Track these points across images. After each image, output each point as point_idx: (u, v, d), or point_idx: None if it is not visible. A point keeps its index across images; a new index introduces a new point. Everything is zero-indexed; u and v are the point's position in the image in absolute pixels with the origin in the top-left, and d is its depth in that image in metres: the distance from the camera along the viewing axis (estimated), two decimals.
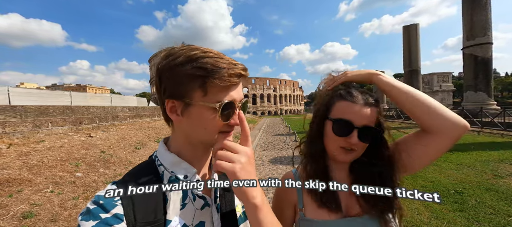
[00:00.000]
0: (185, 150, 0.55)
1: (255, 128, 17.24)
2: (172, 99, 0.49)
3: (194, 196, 0.54)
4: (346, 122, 0.62)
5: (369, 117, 0.62)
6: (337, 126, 0.63)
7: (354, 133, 0.61)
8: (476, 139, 8.44)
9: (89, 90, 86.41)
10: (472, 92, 13.10)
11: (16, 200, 2.75)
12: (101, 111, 6.63)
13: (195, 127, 0.50)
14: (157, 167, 0.54)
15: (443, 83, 32.08)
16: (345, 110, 0.63)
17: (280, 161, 6.95)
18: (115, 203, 0.46)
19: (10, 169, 3.28)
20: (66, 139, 4.90)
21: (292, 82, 69.38)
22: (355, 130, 0.61)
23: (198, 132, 0.51)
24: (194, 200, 0.54)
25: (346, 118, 0.62)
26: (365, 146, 0.64)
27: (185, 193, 0.53)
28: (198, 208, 0.54)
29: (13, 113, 4.38)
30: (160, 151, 0.56)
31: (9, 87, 10.79)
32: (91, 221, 0.43)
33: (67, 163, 3.88)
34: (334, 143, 0.64)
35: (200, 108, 0.48)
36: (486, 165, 5.08)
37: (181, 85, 0.47)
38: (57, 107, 5.29)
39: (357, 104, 0.63)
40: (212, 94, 0.47)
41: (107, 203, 0.45)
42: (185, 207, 0.52)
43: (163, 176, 0.53)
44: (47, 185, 3.19)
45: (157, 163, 0.55)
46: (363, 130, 0.61)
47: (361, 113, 0.62)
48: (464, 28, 13.45)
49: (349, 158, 0.64)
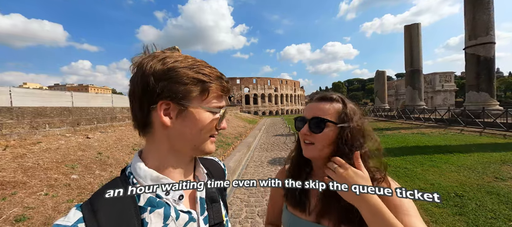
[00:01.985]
0: (168, 161, 0.51)
1: (255, 128, 17.20)
2: (169, 100, 0.47)
3: (177, 213, 0.49)
4: (301, 118, 0.71)
5: (321, 110, 0.68)
6: (297, 123, 0.72)
7: (305, 125, 0.68)
8: (478, 140, 8.33)
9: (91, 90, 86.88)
10: (474, 92, 12.96)
11: (9, 203, 2.73)
12: (99, 112, 6.62)
13: (189, 130, 0.50)
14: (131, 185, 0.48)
15: (445, 82, 31.84)
16: (305, 109, 0.72)
17: (279, 162, 6.91)
18: None
19: (5, 171, 3.27)
20: (63, 141, 4.89)
21: (293, 82, 69.25)
22: (306, 121, 0.69)
23: (191, 135, 0.50)
24: (177, 219, 0.49)
25: (303, 114, 0.72)
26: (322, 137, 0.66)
27: (167, 212, 0.48)
28: (181, 226, 0.49)
29: (9, 115, 4.37)
30: (135, 168, 0.50)
31: (11, 88, 10.85)
32: None
33: (63, 165, 3.86)
34: (301, 140, 0.72)
35: (197, 111, 0.49)
36: (488, 167, 5.00)
37: (182, 87, 0.48)
38: (54, 108, 5.28)
39: (312, 102, 0.72)
40: (210, 99, 0.51)
41: None
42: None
43: (139, 197, 0.47)
44: (41, 187, 3.17)
45: (132, 180, 0.49)
46: (311, 121, 0.67)
47: (312, 107, 0.70)
48: (466, 27, 13.31)
49: (309, 151, 0.68)
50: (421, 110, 16.91)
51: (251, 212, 3.67)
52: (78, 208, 0.43)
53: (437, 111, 14.95)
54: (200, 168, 0.60)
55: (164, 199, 0.49)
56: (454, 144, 7.63)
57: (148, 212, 0.46)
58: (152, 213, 0.46)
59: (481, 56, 12.60)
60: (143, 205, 0.47)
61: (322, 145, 0.66)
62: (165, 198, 0.49)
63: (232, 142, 10.02)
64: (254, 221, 3.39)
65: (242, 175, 5.78)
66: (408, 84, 19.65)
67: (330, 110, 0.67)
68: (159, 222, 0.47)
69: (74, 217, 0.42)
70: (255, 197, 4.30)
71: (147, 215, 0.46)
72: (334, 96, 0.70)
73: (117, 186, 0.47)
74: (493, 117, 10.49)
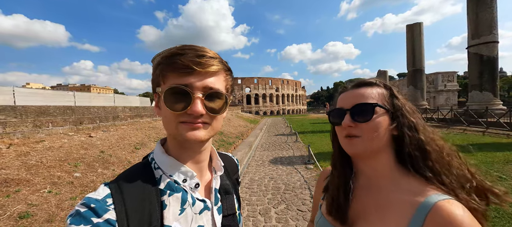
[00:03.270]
0: (177, 150, 0.53)
1: (256, 128, 17.20)
2: (154, 93, 0.51)
3: (193, 200, 0.52)
4: (339, 109, 0.59)
5: (361, 96, 0.56)
6: (333, 116, 0.61)
7: (346, 115, 0.56)
8: (481, 139, 8.27)
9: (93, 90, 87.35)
10: (478, 92, 12.86)
11: (13, 200, 2.76)
12: (101, 111, 6.66)
13: (163, 119, 0.50)
14: (153, 170, 0.51)
15: (448, 82, 31.63)
16: (340, 99, 0.62)
17: (281, 162, 6.90)
18: (107, 207, 0.42)
19: (9, 169, 3.30)
20: (66, 139, 4.92)
21: (294, 82, 69.15)
22: (347, 112, 0.57)
23: (165, 123, 0.50)
24: (193, 205, 0.51)
25: (339, 106, 0.60)
26: (370, 127, 0.53)
27: (184, 197, 0.50)
28: (196, 212, 0.52)
29: (13, 113, 4.41)
30: (156, 153, 0.53)
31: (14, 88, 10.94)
32: (82, 225, 0.39)
33: (66, 163, 3.89)
34: (340, 136, 0.60)
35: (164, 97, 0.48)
36: (491, 166, 4.97)
37: (154, 77, 0.51)
38: (57, 107, 5.32)
39: (347, 90, 0.61)
40: (170, 81, 0.48)
41: (99, 207, 0.42)
42: (183, 212, 0.50)
43: (160, 180, 0.50)
44: (45, 185, 3.19)
45: (154, 166, 0.52)
46: (354, 109, 0.56)
47: (350, 96, 0.58)
48: (469, 26, 13.21)
49: (355, 146, 0.55)
50: (423, 110, 16.81)
51: (252, 211, 3.67)
52: (107, 185, 0.46)
53: (440, 111, 14.86)
54: (218, 160, 0.62)
55: (182, 185, 0.51)
56: (457, 144, 7.53)
57: (167, 195, 0.49)
58: (171, 196, 0.49)
59: (484, 56, 12.49)
60: (163, 188, 0.49)
61: (372, 136, 0.54)
62: (182, 184, 0.52)
63: (234, 141, 10.03)
64: (256, 220, 3.39)
65: (244, 175, 5.79)
66: (410, 84, 19.55)
67: (375, 94, 0.56)
68: (177, 206, 0.49)
69: (103, 192, 0.45)
70: (257, 196, 4.31)
71: (167, 198, 0.48)
72: (375, 81, 0.59)
73: (141, 170, 0.51)
74: (496, 116, 10.40)
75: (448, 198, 0.47)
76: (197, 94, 0.47)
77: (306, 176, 5.29)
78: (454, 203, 0.46)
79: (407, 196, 0.50)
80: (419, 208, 0.47)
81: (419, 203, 0.48)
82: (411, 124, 0.55)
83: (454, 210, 0.44)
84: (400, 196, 0.52)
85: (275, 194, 4.32)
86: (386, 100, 0.56)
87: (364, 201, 0.58)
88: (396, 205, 0.51)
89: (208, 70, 0.48)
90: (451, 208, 0.45)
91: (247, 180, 5.26)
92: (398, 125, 0.55)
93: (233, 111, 26.32)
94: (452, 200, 0.47)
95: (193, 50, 0.47)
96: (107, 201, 0.43)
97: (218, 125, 0.53)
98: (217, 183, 0.59)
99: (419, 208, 0.47)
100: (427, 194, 0.49)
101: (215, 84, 0.49)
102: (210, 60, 0.48)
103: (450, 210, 0.44)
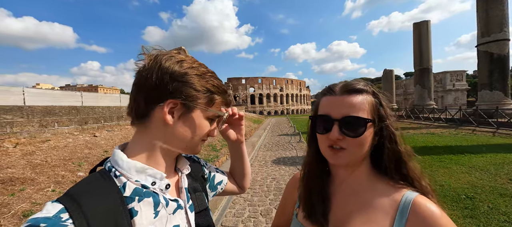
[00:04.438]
0: (156, 155, 0.52)
1: (260, 128, 17.18)
2: (178, 100, 0.50)
3: (166, 201, 0.51)
4: (325, 117, 0.55)
5: (352, 106, 0.53)
6: (318, 123, 0.57)
7: (334, 126, 0.53)
8: (491, 140, 8.02)
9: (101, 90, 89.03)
10: (487, 91, 12.50)
11: (17, 198, 2.81)
12: (106, 111, 6.76)
13: (187, 132, 0.53)
14: (114, 178, 0.47)
15: (456, 81, 30.89)
16: (326, 104, 0.57)
17: (283, 162, 6.85)
18: (63, 223, 0.37)
19: (14, 168, 3.37)
20: (71, 139, 5.00)
21: (298, 82, 68.81)
22: (335, 123, 0.53)
23: (187, 137, 0.53)
24: (167, 205, 0.51)
25: (325, 112, 0.55)
26: (358, 142, 0.53)
27: (156, 200, 0.49)
28: (170, 213, 0.51)
29: (20, 113, 4.51)
30: (118, 159, 0.49)
31: (24, 88, 11.25)
32: None
33: (70, 162, 3.95)
34: (322, 144, 0.57)
35: (198, 117, 0.53)
36: (501, 168, 4.80)
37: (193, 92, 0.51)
38: (63, 107, 5.42)
39: (335, 95, 0.56)
40: (212, 108, 0.55)
41: (53, 225, 0.36)
42: (158, 215, 0.49)
43: (124, 188, 0.46)
44: (49, 184, 3.25)
45: (114, 173, 0.48)
46: (343, 121, 0.52)
47: (339, 103, 0.54)
48: (478, 24, 12.86)
49: (340, 159, 0.54)
50: (430, 110, 16.44)
51: (254, 211, 3.65)
52: (55, 202, 0.40)
53: (448, 110, 14.50)
54: (183, 160, 0.63)
55: (151, 189, 0.49)
56: (465, 144, 7.37)
57: (136, 202, 0.46)
58: (140, 202, 0.47)
59: (495, 54, 12.13)
60: (130, 195, 0.46)
61: (358, 150, 0.54)
62: (152, 188, 0.50)
63: None
64: (257, 221, 3.36)
65: None
66: (417, 83, 19.17)
67: (365, 105, 0.54)
68: (150, 210, 0.48)
69: (54, 209, 0.39)
70: (258, 196, 4.28)
71: (136, 204, 0.46)
72: (365, 87, 0.56)
73: (97, 179, 0.46)
74: (507, 116, 10.08)
75: (418, 194, 0.53)
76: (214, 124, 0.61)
77: None
78: (424, 198, 0.52)
79: (385, 197, 0.54)
80: (401, 206, 0.52)
81: (399, 201, 0.52)
82: (392, 137, 0.55)
83: (431, 204, 0.51)
84: (379, 197, 0.55)
85: (277, 195, 4.28)
86: (374, 110, 0.54)
87: (343, 205, 0.58)
88: (377, 206, 0.54)
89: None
90: (427, 202, 0.51)
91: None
92: (381, 137, 0.55)
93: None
94: (421, 196, 0.52)
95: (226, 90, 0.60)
96: (61, 217, 0.38)
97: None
98: (185, 182, 0.60)
99: (401, 206, 0.51)
100: (402, 192, 0.54)
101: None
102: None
103: (427, 205, 0.50)
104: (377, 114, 0.54)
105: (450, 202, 3.40)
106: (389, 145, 0.55)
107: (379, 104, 0.55)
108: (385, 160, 0.55)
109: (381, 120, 0.55)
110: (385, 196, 0.54)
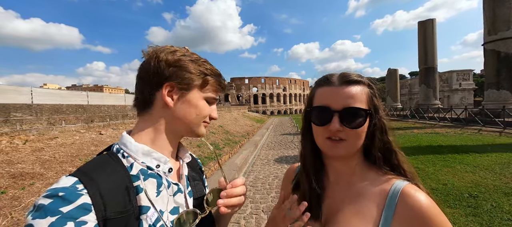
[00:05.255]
0: (160, 139, 0.57)
1: (262, 128, 17.20)
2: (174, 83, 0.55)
3: (168, 183, 0.55)
4: (324, 108, 0.54)
5: (352, 97, 0.53)
6: (316, 115, 0.56)
7: (335, 118, 0.52)
8: (497, 140, 7.89)
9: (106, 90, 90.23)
10: (494, 90, 12.27)
11: (28, 192, 2.91)
12: (111, 109, 6.89)
13: (187, 113, 0.57)
14: (121, 159, 0.52)
15: (463, 81, 30.33)
16: (323, 95, 0.56)
17: (286, 161, 6.88)
18: (79, 192, 0.41)
19: (24, 163, 3.48)
20: (78, 136, 5.13)
21: (302, 81, 68.56)
22: (335, 114, 0.52)
23: (188, 117, 0.57)
24: (168, 187, 0.55)
25: (324, 104, 0.55)
26: (357, 133, 0.53)
27: (159, 181, 0.54)
28: (171, 194, 0.55)
29: (29, 111, 4.64)
30: (125, 142, 0.54)
31: (32, 88, 11.54)
32: (48, 217, 0.37)
33: (77, 159, 4.06)
34: (319, 136, 0.56)
35: (196, 98, 0.57)
36: (506, 167, 4.73)
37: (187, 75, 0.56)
38: (70, 106, 5.56)
39: (334, 86, 0.55)
40: (208, 91, 0.60)
41: (70, 194, 0.40)
42: (160, 194, 0.53)
43: (131, 167, 0.51)
44: (57, 179, 3.34)
45: (122, 154, 0.53)
46: (344, 112, 0.52)
47: (339, 94, 0.54)
48: (485, 22, 12.63)
49: (340, 150, 0.53)
50: (435, 109, 16.21)
51: (256, 209, 3.69)
52: (70, 175, 0.44)
53: (453, 110, 14.29)
54: (183, 149, 0.67)
55: (155, 171, 0.54)
56: (470, 144, 7.27)
57: (141, 180, 0.51)
58: (146, 181, 0.51)
59: (502, 52, 11.90)
60: (136, 174, 0.51)
61: (357, 141, 0.54)
62: (156, 170, 0.54)
63: (239, 140, 10.09)
64: (258, 217, 3.41)
65: (249, 173, 5.82)
66: (422, 82, 18.92)
67: (363, 95, 0.54)
68: (153, 189, 0.52)
69: (70, 181, 0.42)
70: (260, 194, 4.32)
71: (141, 182, 0.50)
72: (362, 78, 0.57)
73: (107, 159, 0.51)
74: None
75: (408, 183, 0.53)
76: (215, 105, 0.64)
77: None
78: (414, 187, 0.52)
79: (375, 187, 0.55)
80: (389, 196, 0.52)
81: (388, 191, 0.53)
82: (383, 127, 0.57)
83: (419, 193, 0.50)
84: (369, 187, 0.55)
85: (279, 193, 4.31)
86: (370, 101, 0.55)
87: (335, 196, 0.59)
88: (367, 196, 0.55)
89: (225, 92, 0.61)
90: (416, 192, 0.50)
91: (251, 179, 5.28)
92: (372, 127, 0.56)
93: (240, 110, 26.43)
94: (410, 184, 0.53)
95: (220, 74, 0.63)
96: (77, 187, 0.42)
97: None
98: (185, 170, 0.64)
99: (390, 195, 0.52)
100: (392, 182, 0.54)
101: None
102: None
103: (415, 193, 0.50)
104: (373, 104, 0.55)
105: (452, 200, 3.38)
106: (380, 135, 0.56)
107: (374, 95, 0.56)
108: (375, 150, 0.56)
109: (376, 111, 0.56)
110: (375, 186, 0.55)
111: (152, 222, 0.49)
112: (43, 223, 0.37)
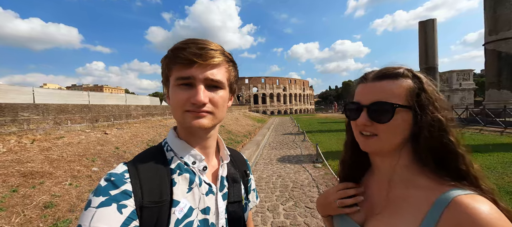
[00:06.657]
0: (185, 135, 0.58)
1: (264, 127, 17.25)
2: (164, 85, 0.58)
3: (200, 181, 0.57)
4: (354, 103, 0.55)
5: (382, 92, 0.50)
6: (348, 110, 0.57)
7: (362, 112, 0.52)
8: (498, 139, 7.94)
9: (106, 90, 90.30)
10: (495, 90, 12.33)
11: (38, 191, 2.96)
12: (115, 109, 6.93)
13: (172, 108, 0.56)
14: (165, 152, 0.58)
15: (463, 81, 30.35)
16: (358, 92, 0.56)
17: (288, 160, 6.92)
18: (124, 180, 0.48)
19: (33, 162, 3.53)
20: (84, 136, 5.18)
21: (302, 81, 68.57)
22: (363, 109, 0.52)
23: (173, 112, 0.56)
24: (200, 185, 0.56)
25: (356, 99, 0.55)
26: (389, 128, 0.49)
27: (192, 178, 0.56)
28: (203, 193, 0.56)
29: (36, 111, 4.69)
30: (170, 137, 0.60)
31: (33, 88, 11.59)
32: (101, 196, 0.45)
33: (84, 158, 4.10)
34: (355, 131, 0.57)
35: (171, 89, 0.54)
36: (509, 167, 4.78)
37: (162, 70, 0.57)
38: (75, 106, 5.60)
39: (367, 82, 0.54)
40: (176, 74, 0.52)
41: (118, 180, 0.48)
42: (191, 191, 0.55)
43: (171, 161, 0.56)
44: (66, 178, 3.39)
45: (166, 148, 0.59)
46: (372, 107, 0.51)
47: (369, 89, 0.53)
48: (486, 22, 12.68)
49: (372, 145, 0.52)
50: None
51: (261, 207, 3.74)
52: (124, 164, 0.53)
53: (454, 110, 14.33)
54: (225, 150, 0.67)
55: (191, 167, 0.57)
56: (471, 143, 7.32)
57: (177, 174, 0.55)
58: (180, 176, 0.55)
59: (503, 52, 11.95)
60: (174, 168, 0.55)
61: (390, 137, 0.50)
62: (192, 166, 0.57)
63: (241, 140, 10.13)
64: (264, 216, 3.45)
65: (252, 172, 5.86)
66: None
67: (399, 89, 0.50)
68: (185, 184, 0.55)
69: (121, 169, 0.52)
70: (265, 193, 4.37)
71: (176, 176, 0.54)
72: (401, 70, 0.52)
73: (154, 152, 0.58)
74: None
75: (470, 193, 0.43)
76: (199, 85, 0.51)
77: (314, 175, 5.30)
78: (478, 198, 0.42)
79: (422, 192, 0.48)
80: (435, 203, 0.44)
81: (436, 198, 0.44)
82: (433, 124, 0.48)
83: (479, 206, 0.40)
84: (415, 191, 0.49)
85: (283, 192, 4.36)
86: (412, 95, 0.50)
87: (377, 194, 0.57)
88: (411, 200, 0.49)
89: (210, 62, 0.51)
90: (474, 204, 0.40)
91: (255, 178, 5.33)
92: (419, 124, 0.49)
93: (240, 110, 26.48)
94: (476, 195, 0.42)
95: (194, 44, 0.51)
96: (124, 175, 0.50)
97: (221, 114, 0.56)
98: (224, 171, 0.64)
99: (436, 203, 0.44)
100: (444, 189, 0.45)
101: (216, 75, 0.53)
102: (211, 52, 0.51)
103: (472, 205, 0.40)
104: (417, 99, 0.50)
105: None
106: (428, 134, 0.48)
107: (422, 89, 0.50)
108: (422, 149, 0.49)
109: (421, 106, 0.49)
110: (423, 190, 0.48)
111: (180, 217, 0.50)
112: (96, 200, 0.45)
